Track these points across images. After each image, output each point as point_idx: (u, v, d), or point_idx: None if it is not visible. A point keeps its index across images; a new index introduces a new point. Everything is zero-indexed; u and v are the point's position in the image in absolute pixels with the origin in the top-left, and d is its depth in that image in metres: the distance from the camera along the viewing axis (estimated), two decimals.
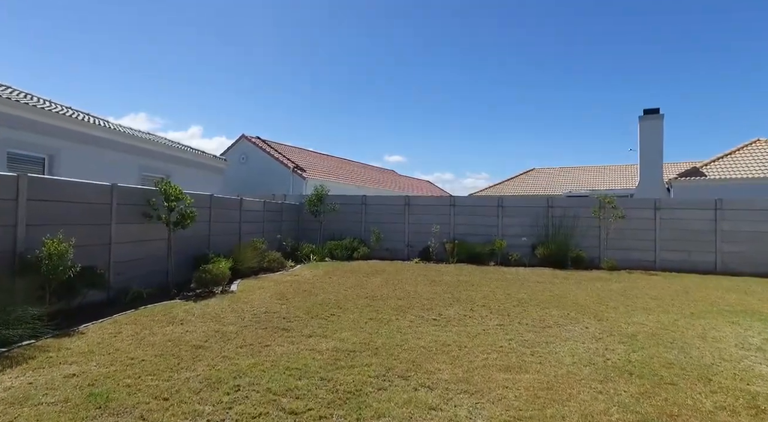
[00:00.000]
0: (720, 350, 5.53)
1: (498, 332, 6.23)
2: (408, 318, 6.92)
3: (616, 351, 5.42)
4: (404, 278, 10.98)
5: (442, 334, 6.05)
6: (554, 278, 11.70)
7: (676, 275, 13.18)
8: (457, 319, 6.90)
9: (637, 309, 7.85)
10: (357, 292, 8.88)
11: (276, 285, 9.47)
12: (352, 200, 17.21)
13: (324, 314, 7.02)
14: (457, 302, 8.23)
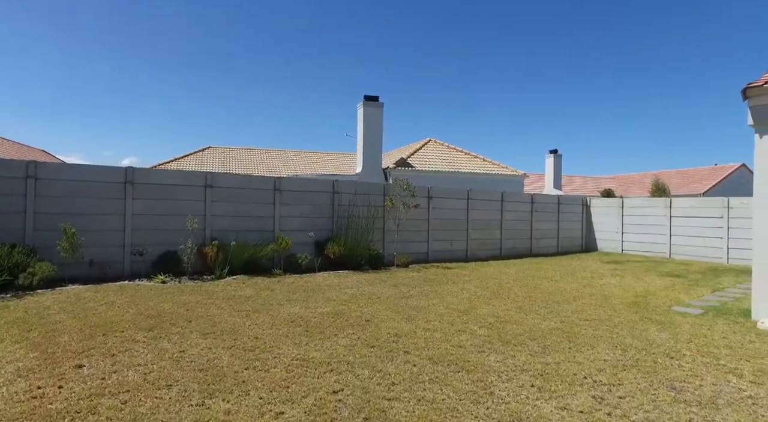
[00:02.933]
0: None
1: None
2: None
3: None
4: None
5: None
6: (395, 291, 8.89)
7: (461, 265, 12.88)
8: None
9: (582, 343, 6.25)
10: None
11: None
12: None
13: None
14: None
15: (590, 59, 66.98)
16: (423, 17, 56.73)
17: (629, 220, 17.66)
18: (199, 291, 7.94)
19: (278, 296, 7.68)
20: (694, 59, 65.90)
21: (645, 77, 70.81)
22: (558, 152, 26.63)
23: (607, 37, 61.39)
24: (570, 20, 59.58)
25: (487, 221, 15.68)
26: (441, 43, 64.09)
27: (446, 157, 22.77)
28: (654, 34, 61.41)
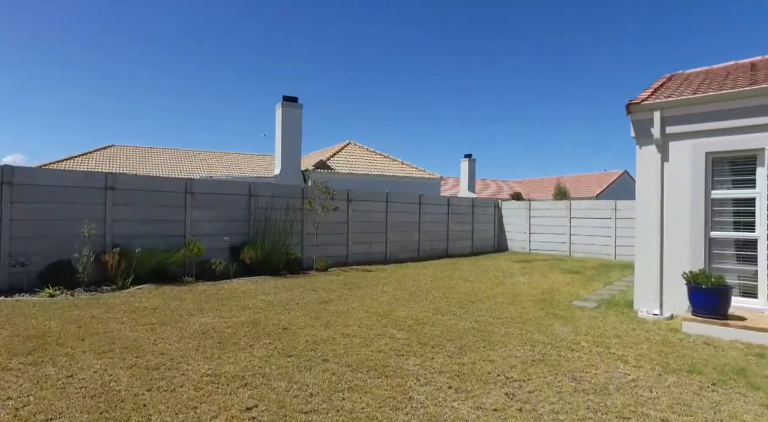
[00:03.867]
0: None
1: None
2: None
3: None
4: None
5: None
6: (306, 298, 8.71)
7: (380, 268, 12.97)
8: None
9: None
10: None
11: None
12: None
13: None
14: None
15: (499, 66, 71.41)
16: (343, 19, 56.77)
17: (536, 221, 19.00)
18: (95, 304, 7.17)
19: (189, 306, 7.17)
20: (592, 69, 72.85)
21: (550, 87, 76.94)
22: (472, 157, 27.93)
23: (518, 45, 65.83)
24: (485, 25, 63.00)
25: (406, 224, 16.00)
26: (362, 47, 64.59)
27: (366, 160, 22.91)
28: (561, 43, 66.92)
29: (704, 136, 6.83)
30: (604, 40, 65.13)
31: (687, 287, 6.28)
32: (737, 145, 6.60)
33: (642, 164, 7.37)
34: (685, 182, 6.97)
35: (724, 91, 6.62)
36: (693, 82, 8.02)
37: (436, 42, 64.90)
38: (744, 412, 3.65)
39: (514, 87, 77.78)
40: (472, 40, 64.62)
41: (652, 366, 4.70)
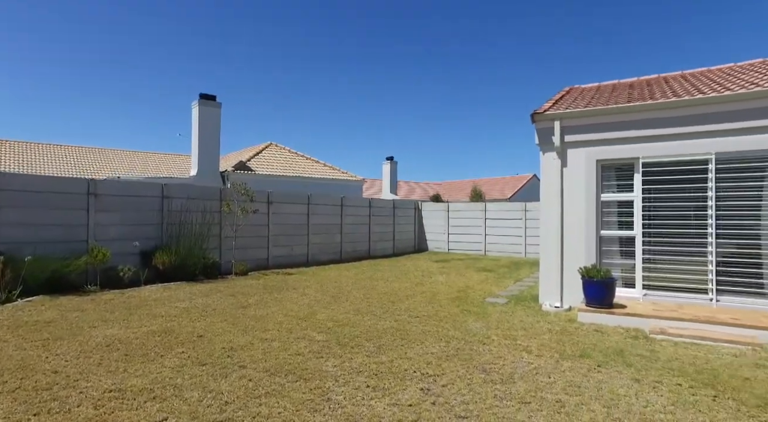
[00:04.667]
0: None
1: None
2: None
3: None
4: None
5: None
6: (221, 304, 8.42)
7: (302, 271, 12.82)
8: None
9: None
10: None
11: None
12: None
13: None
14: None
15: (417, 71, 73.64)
16: (260, 18, 55.29)
17: (454, 222, 19.86)
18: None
19: (91, 317, 6.62)
20: (504, 76, 77.48)
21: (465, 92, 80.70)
22: (394, 159, 28.53)
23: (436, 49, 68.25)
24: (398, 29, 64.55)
25: (328, 226, 15.98)
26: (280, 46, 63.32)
27: (288, 161, 22.51)
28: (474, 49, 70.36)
29: (595, 145, 7.63)
30: (513, 46, 69.64)
31: (582, 280, 6.97)
32: (619, 154, 7.47)
33: (545, 169, 8.05)
34: (580, 186, 7.72)
35: (608, 106, 7.45)
36: (587, 96, 8.91)
37: (356, 45, 65.45)
38: (619, 386, 4.17)
39: (431, 92, 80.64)
40: (393, 45, 66.00)
41: (551, 354, 5.16)
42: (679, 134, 7.08)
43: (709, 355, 5.16)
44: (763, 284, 6.71)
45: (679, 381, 4.34)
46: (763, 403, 3.86)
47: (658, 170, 7.30)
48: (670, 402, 3.86)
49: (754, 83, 6.90)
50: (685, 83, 8.29)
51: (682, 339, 5.74)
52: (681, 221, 7.17)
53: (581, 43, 67.32)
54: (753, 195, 6.81)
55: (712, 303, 6.85)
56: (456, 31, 62.74)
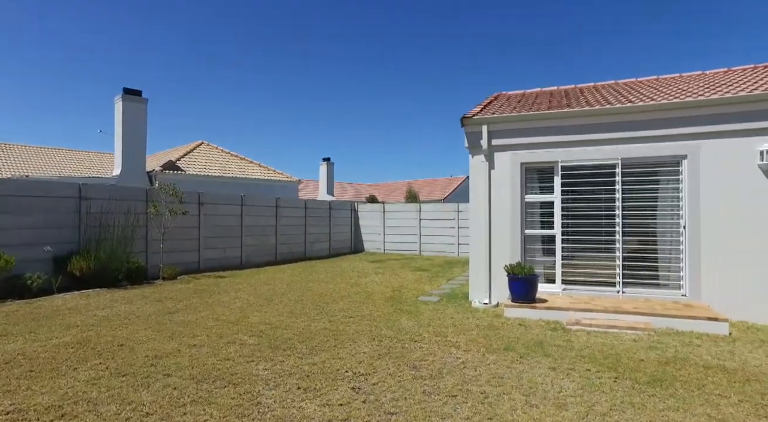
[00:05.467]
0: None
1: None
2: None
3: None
4: None
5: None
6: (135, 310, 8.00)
7: (235, 273, 12.41)
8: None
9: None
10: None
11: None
12: None
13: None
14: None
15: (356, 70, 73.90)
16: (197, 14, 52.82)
17: (389, 223, 20.14)
18: None
19: None
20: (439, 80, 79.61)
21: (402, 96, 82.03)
22: (330, 160, 28.42)
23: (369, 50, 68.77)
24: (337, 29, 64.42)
25: (263, 227, 15.64)
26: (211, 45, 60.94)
27: (220, 161, 21.72)
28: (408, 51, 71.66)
29: (519, 148, 8.10)
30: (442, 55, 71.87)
31: (507, 278, 7.37)
32: (541, 157, 8.00)
33: (474, 171, 8.42)
34: (506, 188, 8.16)
35: (531, 113, 7.95)
36: (512, 102, 9.43)
37: (292, 42, 64.46)
38: (538, 375, 4.48)
39: (368, 93, 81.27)
40: (327, 44, 65.68)
41: (478, 349, 5.42)
42: (591, 140, 7.71)
43: (614, 342, 5.67)
44: (658, 275, 7.50)
45: (589, 366, 4.74)
46: (652, 379, 4.35)
47: (575, 173, 7.90)
48: (580, 386, 4.21)
49: (651, 98, 7.66)
50: (596, 94, 9.02)
51: (593, 328, 6.26)
52: (594, 221, 7.81)
53: (511, 49, 70.76)
54: (651, 197, 7.58)
55: (619, 295, 7.53)
56: (390, 30, 63.65)
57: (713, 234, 7.06)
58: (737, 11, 53.46)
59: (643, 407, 3.76)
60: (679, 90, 8.00)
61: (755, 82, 7.66)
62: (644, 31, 62.42)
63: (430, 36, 65.96)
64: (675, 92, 7.83)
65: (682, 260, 7.31)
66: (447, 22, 59.38)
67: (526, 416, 3.59)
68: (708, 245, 7.08)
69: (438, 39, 66.45)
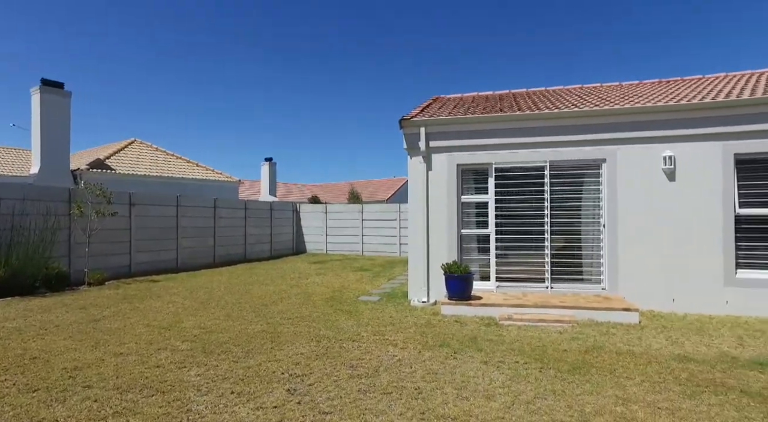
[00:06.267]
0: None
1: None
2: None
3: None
4: None
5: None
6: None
7: (170, 277, 11.84)
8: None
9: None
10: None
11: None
12: None
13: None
14: None
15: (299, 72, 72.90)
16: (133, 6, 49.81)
17: (332, 223, 20.06)
18: None
19: None
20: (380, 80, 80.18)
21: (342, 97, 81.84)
22: (273, 160, 27.83)
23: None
24: None
25: (200, 229, 15.06)
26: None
27: (154, 160, 20.65)
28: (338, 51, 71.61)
29: (455, 150, 8.38)
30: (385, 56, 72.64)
31: (444, 276, 7.60)
32: (476, 159, 8.32)
33: (412, 172, 8.60)
34: (443, 189, 8.40)
35: (467, 116, 8.25)
36: (450, 105, 9.72)
37: (232, 42, 62.54)
38: (470, 369, 4.67)
39: (312, 94, 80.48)
40: (268, 45, 64.35)
41: (414, 346, 5.56)
42: (522, 143, 8.12)
43: (542, 334, 6.02)
44: (582, 271, 8.05)
45: (518, 358, 5.00)
46: (573, 368, 4.68)
47: (507, 175, 8.28)
48: (509, 377, 4.44)
49: (575, 105, 8.20)
50: (528, 100, 9.51)
51: (523, 322, 6.60)
52: (526, 220, 8.22)
53: (453, 53, 72.71)
54: (576, 197, 8.12)
55: (548, 290, 7.99)
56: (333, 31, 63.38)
57: (628, 232, 7.67)
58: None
59: (563, 393, 4.03)
60: (600, 99, 8.62)
61: (662, 94, 8.41)
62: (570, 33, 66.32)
63: (374, 36, 66.34)
64: (596, 101, 8.43)
65: (602, 256, 7.88)
66: (390, 25, 60.00)
67: (456, 408, 3.74)
68: (624, 242, 7.69)
69: (383, 40, 66.99)
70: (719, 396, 4.00)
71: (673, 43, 66.41)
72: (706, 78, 9.92)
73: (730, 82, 8.84)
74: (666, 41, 66.15)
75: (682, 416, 3.60)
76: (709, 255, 7.35)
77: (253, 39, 63.13)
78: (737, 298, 7.19)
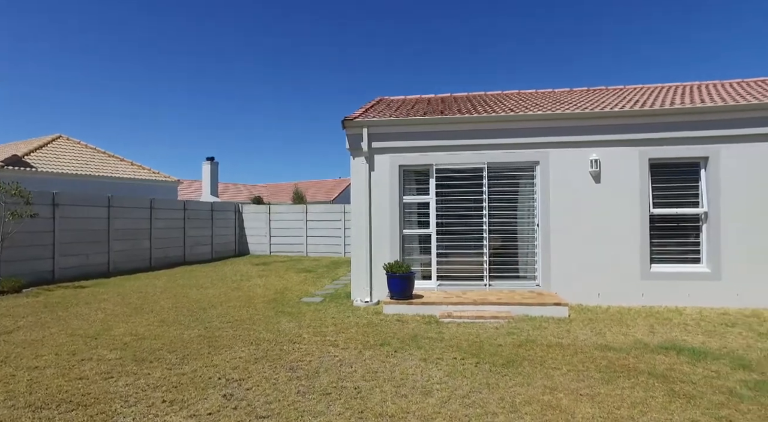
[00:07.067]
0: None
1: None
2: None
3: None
4: None
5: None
6: None
7: (101, 282, 11.11)
8: None
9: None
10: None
11: None
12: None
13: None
14: None
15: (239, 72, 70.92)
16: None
17: (275, 224, 19.68)
18: None
19: None
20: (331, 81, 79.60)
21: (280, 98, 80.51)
22: (215, 160, 26.89)
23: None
24: None
25: (135, 231, 14.27)
26: None
27: (83, 158, 19.32)
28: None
29: (397, 152, 8.51)
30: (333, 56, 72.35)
31: (386, 276, 7.69)
32: (417, 160, 8.50)
33: (355, 173, 8.63)
34: (386, 189, 8.50)
35: (408, 117, 8.40)
36: (393, 107, 9.85)
37: (168, 37, 59.80)
38: (409, 367, 4.77)
39: (258, 94, 78.59)
40: (208, 37, 62.11)
41: (355, 346, 5.59)
42: (462, 145, 8.39)
43: (479, 331, 6.25)
44: (518, 269, 8.45)
45: (455, 355, 5.17)
46: (507, 361, 4.91)
47: (448, 176, 8.52)
48: (446, 373, 4.58)
49: (511, 109, 8.58)
50: (468, 103, 9.83)
51: (462, 320, 6.82)
52: (465, 220, 8.50)
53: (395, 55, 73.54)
54: (512, 198, 8.50)
55: (487, 288, 8.30)
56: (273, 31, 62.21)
57: (560, 231, 8.14)
58: None
59: (496, 386, 4.22)
60: (534, 104, 9.07)
61: (590, 102, 8.99)
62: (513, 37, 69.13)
63: (318, 35, 65.76)
64: (530, 106, 8.86)
65: (536, 254, 8.30)
66: (333, 27, 59.75)
67: (394, 406, 3.81)
68: (556, 240, 8.14)
69: (327, 39, 66.55)
70: (631, 380, 4.36)
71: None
72: (626, 88, 10.71)
73: (650, 94, 9.61)
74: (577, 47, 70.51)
75: (600, 400, 3.88)
76: (629, 252, 7.95)
77: (187, 35, 60.65)
78: (651, 290, 7.84)
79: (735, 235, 7.75)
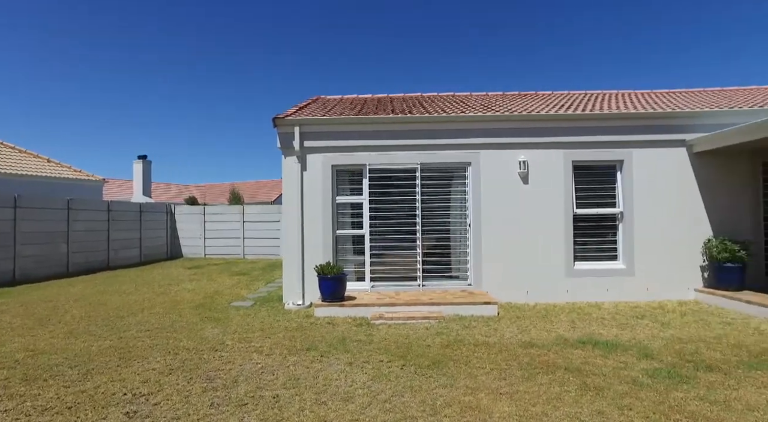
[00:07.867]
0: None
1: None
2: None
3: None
4: None
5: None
6: None
7: (5, 291, 10.04)
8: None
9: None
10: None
11: None
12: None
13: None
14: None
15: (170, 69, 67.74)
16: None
17: (211, 226, 18.86)
18: None
19: None
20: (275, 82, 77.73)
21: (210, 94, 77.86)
22: (147, 158, 25.37)
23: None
24: None
25: (49, 234, 13.11)
26: None
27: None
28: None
29: (331, 151, 8.35)
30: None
31: (317, 277, 7.51)
32: (351, 160, 8.38)
33: (286, 172, 8.37)
34: (318, 189, 8.31)
35: (341, 117, 8.28)
36: (328, 106, 9.67)
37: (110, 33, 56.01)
38: (334, 372, 4.63)
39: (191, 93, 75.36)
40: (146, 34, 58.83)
41: (281, 351, 5.37)
42: (395, 145, 8.36)
43: (410, 332, 6.23)
44: (451, 269, 8.55)
45: (382, 357, 5.09)
46: (433, 362, 4.89)
47: (381, 176, 8.46)
48: (370, 377, 4.48)
49: (444, 111, 8.68)
50: (403, 104, 9.84)
51: (393, 321, 6.77)
52: (399, 221, 8.48)
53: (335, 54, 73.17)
54: (445, 199, 8.59)
55: (420, 288, 8.33)
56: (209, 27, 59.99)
57: (490, 230, 8.32)
58: None
59: (419, 389, 4.17)
60: (467, 107, 9.23)
61: (520, 106, 9.29)
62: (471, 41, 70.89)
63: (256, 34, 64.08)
64: (463, 108, 9.00)
65: (468, 254, 8.44)
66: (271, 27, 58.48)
67: (312, 415, 3.66)
68: (487, 240, 8.31)
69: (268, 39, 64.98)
70: (549, 375, 4.48)
71: None
72: (556, 94, 11.20)
73: (579, 100, 10.08)
74: None
75: (518, 398, 3.93)
76: (554, 250, 8.27)
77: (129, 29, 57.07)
78: (574, 287, 8.21)
79: (644, 233, 8.30)
